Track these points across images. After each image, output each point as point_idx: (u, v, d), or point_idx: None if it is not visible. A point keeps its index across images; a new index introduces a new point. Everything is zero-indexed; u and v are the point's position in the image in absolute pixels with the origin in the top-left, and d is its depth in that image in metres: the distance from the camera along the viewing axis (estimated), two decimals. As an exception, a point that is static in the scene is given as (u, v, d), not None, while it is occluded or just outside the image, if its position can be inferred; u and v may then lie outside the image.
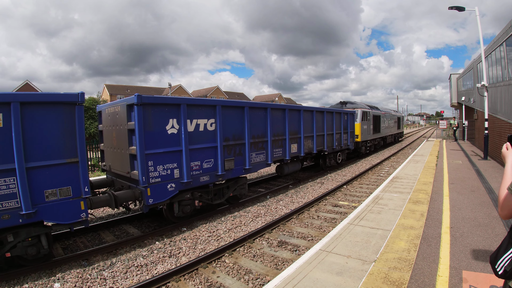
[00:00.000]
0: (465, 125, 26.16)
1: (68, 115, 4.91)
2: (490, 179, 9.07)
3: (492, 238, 4.61)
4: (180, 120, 6.43)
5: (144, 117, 5.83)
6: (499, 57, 12.47)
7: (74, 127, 4.97)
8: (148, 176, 5.91)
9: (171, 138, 6.33)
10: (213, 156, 7.21)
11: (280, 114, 9.64)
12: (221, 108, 7.28)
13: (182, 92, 55.26)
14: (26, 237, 4.71)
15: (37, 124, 4.64)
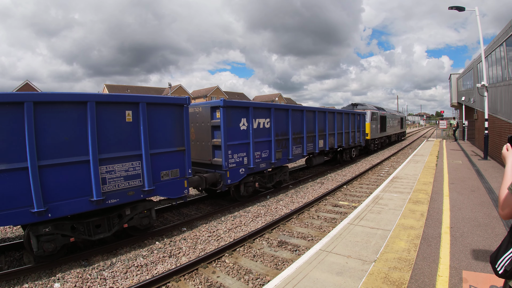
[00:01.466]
0: (465, 125, 26.16)
1: (178, 114, 6.36)
2: (490, 179, 9.06)
3: (492, 238, 4.61)
4: (248, 119, 8.24)
5: (226, 117, 7.55)
6: (499, 57, 12.46)
7: (182, 123, 6.43)
8: (228, 162, 7.66)
9: (243, 133, 8.14)
10: (268, 148, 9.10)
11: (311, 115, 11.55)
12: (274, 110, 9.19)
13: (182, 92, 55.25)
14: (142, 210, 5.98)
15: (156, 120, 5.93)
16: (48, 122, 4.62)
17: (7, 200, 4.31)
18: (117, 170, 5.40)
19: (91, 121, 4.97)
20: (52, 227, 4.87)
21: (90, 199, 5.05)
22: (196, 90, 66.35)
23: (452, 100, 31.39)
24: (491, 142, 13.80)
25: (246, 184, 8.50)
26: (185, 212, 8.12)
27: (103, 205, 5.21)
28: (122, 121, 5.45)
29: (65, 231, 5.04)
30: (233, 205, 8.29)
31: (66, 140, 4.80)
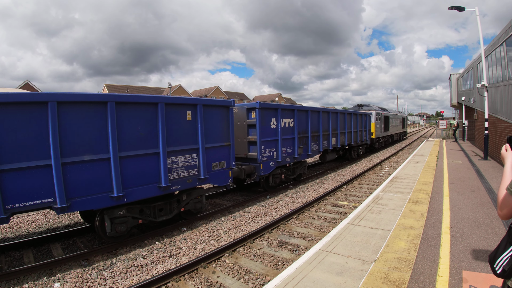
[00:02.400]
0: (465, 125, 26.16)
1: (225, 114, 7.45)
2: (490, 179, 9.07)
3: (492, 238, 4.61)
4: (277, 119, 9.46)
5: (261, 117, 8.71)
6: (499, 57, 12.46)
7: (228, 122, 7.53)
8: (261, 156, 8.85)
9: (273, 131, 9.33)
10: (292, 144, 10.27)
11: (326, 116, 12.80)
12: (297, 111, 10.46)
13: (182, 92, 55.25)
14: (196, 196, 7.01)
15: (209, 119, 6.97)
16: (127, 119, 5.43)
17: (92, 187, 5.04)
18: (179, 161, 6.39)
19: (161, 119, 5.90)
20: (125, 211, 5.67)
21: (158, 185, 5.96)
22: (196, 90, 66.36)
23: (452, 100, 31.38)
24: (491, 142, 13.80)
25: (274, 176, 9.82)
26: (185, 212, 8.12)
27: (168, 191, 6.16)
28: (184, 119, 6.46)
29: (135, 214, 5.88)
30: (233, 205, 8.30)
31: (141, 135, 5.68)
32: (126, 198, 5.45)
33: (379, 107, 24.82)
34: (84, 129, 4.93)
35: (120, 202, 5.37)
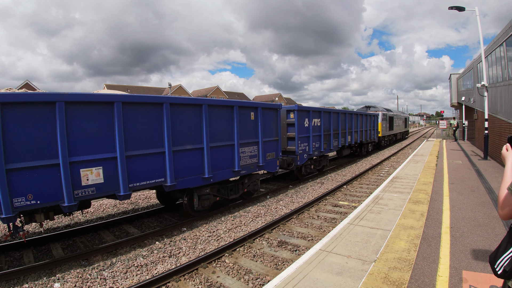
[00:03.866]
0: (465, 125, 26.16)
1: (275, 115, 9.33)
2: (490, 179, 9.06)
3: (492, 238, 4.61)
4: (309, 119, 11.42)
5: (298, 117, 10.70)
6: (499, 57, 12.46)
7: (277, 121, 9.42)
8: (298, 149, 10.75)
9: (306, 129, 11.24)
10: (319, 140, 12.23)
11: (343, 116, 14.81)
12: (323, 112, 12.59)
13: (182, 92, 55.24)
14: (254, 179, 8.89)
15: (265, 119, 8.73)
16: (216, 119, 7.18)
17: (190, 169, 6.63)
18: (246, 151, 8.13)
19: (236, 119, 7.64)
20: (209, 189, 7.31)
21: (233, 170, 7.71)
22: (196, 90, 66.33)
23: (452, 100, 31.37)
24: (491, 142, 13.79)
25: (306, 166, 11.82)
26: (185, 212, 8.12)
27: (238, 175, 7.91)
28: (249, 119, 8.22)
29: (214, 192, 7.53)
30: (233, 205, 8.30)
31: (223, 131, 7.40)
32: (212, 179, 7.12)
33: (384, 108, 26.86)
34: (187, 127, 6.55)
35: (207, 182, 7.05)
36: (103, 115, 5.22)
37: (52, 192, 4.72)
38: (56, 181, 4.74)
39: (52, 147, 4.68)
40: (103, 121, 5.21)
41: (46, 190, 4.67)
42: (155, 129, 5.93)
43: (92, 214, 8.08)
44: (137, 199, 9.37)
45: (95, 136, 5.15)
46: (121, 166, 5.37)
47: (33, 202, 4.57)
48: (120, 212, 8.23)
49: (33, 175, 4.53)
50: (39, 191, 4.60)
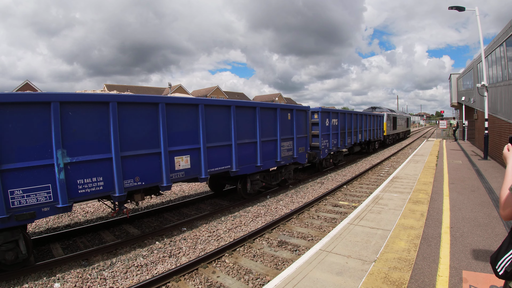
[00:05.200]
0: (465, 125, 26.16)
1: (305, 115, 11.08)
2: (490, 179, 9.06)
3: (492, 238, 4.61)
4: (329, 119, 13.13)
5: (321, 118, 12.44)
6: (499, 57, 12.45)
7: (306, 120, 11.20)
8: (321, 145, 12.47)
9: (327, 127, 12.96)
10: (336, 138, 13.96)
11: (355, 117, 16.59)
12: (340, 113, 14.39)
13: (182, 92, 55.20)
14: (289, 169, 10.62)
15: (298, 119, 10.43)
16: (265, 119, 8.80)
17: (248, 159, 8.21)
18: (284, 145, 9.73)
19: (279, 118, 9.39)
20: (259, 176, 8.94)
21: (276, 160, 9.40)
22: (196, 90, 66.29)
23: (452, 100, 31.36)
24: (491, 142, 13.79)
25: (326, 160, 13.75)
26: (185, 212, 8.12)
27: (279, 165, 9.58)
28: (286, 119, 9.81)
29: (261, 179, 9.14)
30: (233, 205, 8.29)
31: (269, 128, 9.03)
32: (262, 168, 8.70)
33: (388, 109, 29.50)
34: (246, 125, 8.13)
35: (258, 170, 8.62)
36: (192, 114, 6.67)
37: (154, 175, 5.93)
38: (157, 166, 5.98)
39: (155, 139, 5.92)
40: (192, 119, 6.66)
41: (150, 174, 5.87)
42: (226, 127, 7.54)
43: (92, 214, 8.08)
44: (137, 199, 9.37)
45: (185, 131, 6.53)
46: (203, 155, 6.84)
47: (139, 183, 5.73)
48: (120, 212, 8.22)
49: (140, 161, 5.70)
50: (144, 174, 5.78)
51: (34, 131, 4.55)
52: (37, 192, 4.57)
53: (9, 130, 4.34)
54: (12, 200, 4.37)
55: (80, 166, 4.95)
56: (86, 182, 5.04)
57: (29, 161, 4.50)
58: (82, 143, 5.00)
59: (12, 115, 4.36)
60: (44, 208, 4.66)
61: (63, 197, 4.74)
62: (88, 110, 5.08)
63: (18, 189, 4.41)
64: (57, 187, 4.70)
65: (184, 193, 10.33)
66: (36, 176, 4.56)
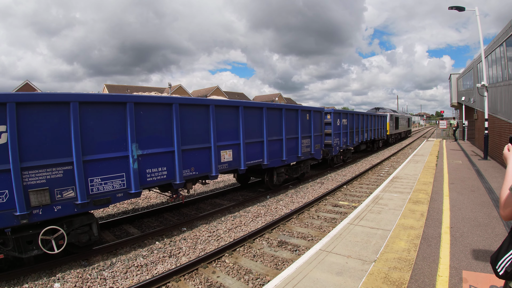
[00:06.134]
0: (465, 125, 26.16)
1: (320, 116, 12.20)
2: (490, 179, 9.06)
3: (492, 238, 4.61)
4: (340, 119, 14.39)
5: (333, 118, 13.75)
6: (499, 57, 12.45)
7: (321, 120, 12.34)
8: (333, 143, 13.76)
9: (338, 127, 14.24)
10: (346, 136, 15.23)
11: (362, 117, 18.01)
12: (349, 114, 15.76)
13: (182, 92, 55.19)
14: (307, 164, 11.79)
15: (315, 119, 11.54)
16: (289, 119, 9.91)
17: (275, 154, 9.32)
18: (304, 142, 10.85)
19: (301, 119, 10.52)
20: (283, 169, 10.20)
21: (297, 155, 10.47)
22: (196, 90, 66.27)
23: (452, 100, 31.35)
24: (491, 142, 13.79)
25: (337, 157, 15.09)
26: (185, 212, 8.12)
27: (299, 160, 10.65)
28: (305, 119, 10.91)
29: (285, 172, 10.34)
30: (233, 205, 8.30)
31: (292, 127, 10.09)
32: (286, 162, 9.81)
33: (391, 110, 31.42)
34: (274, 124, 9.27)
35: (283, 164, 9.71)
36: (233, 114, 7.76)
37: (205, 166, 6.99)
38: (208, 159, 7.03)
39: (207, 135, 6.97)
40: (234, 118, 7.76)
41: (202, 165, 6.90)
42: (259, 126, 8.68)
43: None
44: (137, 199, 9.36)
45: (229, 129, 7.60)
46: (243, 150, 7.92)
47: (194, 173, 6.70)
48: (120, 212, 8.22)
49: (195, 154, 6.69)
50: (198, 165, 6.78)
51: (112, 127, 5.28)
52: (113, 180, 5.29)
53: (91, 126, 5.00)
54: (91, 187, 5.01)
55: (149, 157, 5.78)
56: (153, 171, 5.88)
57: (108, 153, 5.20)
58: (151, 138, 5.83)
59: (93, 113, 5.04)
60: (119, 194, 5.39)
61: (136, 184, 5.52)
62: (156, 110, 5.94)
63: (97, 177, 5.08)
64: (131, 175, 5.47)
65: (184, 193, 10.33)
66: (113, 166, 5.27)
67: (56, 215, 4.71)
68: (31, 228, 4.71)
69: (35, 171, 4.49)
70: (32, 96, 4.61)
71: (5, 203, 4.28)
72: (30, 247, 4.68)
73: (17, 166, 4.30)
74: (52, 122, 4.65)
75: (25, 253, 4.63)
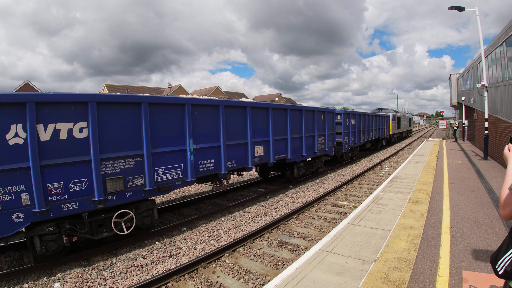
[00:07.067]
0: (465, 125, 26.16)
1: (332, 116, 13.19)
2: (490, 179, 9.06)
3: (492, 238, 4.61)
4: (349, 120, 15.51)
5: (344, 118, 14.89)
6: (499, 57, 12.45)
7: (333, 120, 13.29)
8: (343, 141, 14.85)
9: (347, 126, 15.34)
10: (354, 135, 16.40)
11: (367, 117, 19.16)
12: (357, 115, 16.94)
13: (182, 92, 55.18)
14: (321, 160, 12.88)
15: (328, 119, 12.59)
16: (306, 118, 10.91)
17: (296, 150, 10.40)
18: (319, 140, 11.93)
19: (317, 118, 11.63)
20: (303, 164, 11.30)
21: (314, 151, 11.54)
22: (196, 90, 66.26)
23: (452, 100, 31.36)
24: (491, 142, 13.79)
25: (345, 154, 16.14)
26: (185, 212, 8.12)
27: (315, 155, 11.79)
28: (320, 119, 12.02)
29: (304, 166, 11.46)
30: (233, 205, 8.30)
31: (309, 126, 11.14)
32: (305, 157, 10.96)
33: (393, 110, 33.29)
34: (296, 123, 10.34)
35: (302, 159, 10.87)
36: (264, 114, 8.87)
37: (243, 159, 8.08)
38: (245, 153, 8.12)
39: (245, 132, 8.06)
40: (264, 119, 8.87)
41: (241, 158, 7.98)
42: (284, 124, 9.74)
43: None
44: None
45: (260, 128, 8.67)
46: (272, 146, 9.04)
47: (235, 165, 7.80)
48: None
49: (235, 149, 7.78)
50: (237, 158, 7.87)
51: (173, 124, 6.21)
52: (173, 170, 6.21)
53: (157, 124, 5.87)
54: (156, 176, 5.88)
55: (201, 151, 6.79)
56: (204, 163, 6.90)
57: (170, 146, 6.13)
58: (202, 135, 6.82)
59: (159, 112, 5.95)
60: (177, 182, 6.31)
61: (192, 174, 6.52)
62: (207, 111, 6.95)
63: (161, 168, 5.98)
64: (188, 166, 6.45)
65: (184, 193, 10.34)
66: (174, 158, 6.21)
67: (127, 200, 5.48)
68: (103, 213, 5.40)
69: (112, 161, 5.22)
70: (110, 96, 5.53)
71: (84, 190, 4.92)
72: (101, 230, 5.39)
73: (97, 157, 4.98)
74: (126, 120, 5.42)
75: (96, 235, 5.30)
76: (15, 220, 4.35)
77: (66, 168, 4.73)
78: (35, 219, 4.49)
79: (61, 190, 4.70)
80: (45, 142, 4.53)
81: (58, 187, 4.66)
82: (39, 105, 4.48)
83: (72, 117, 4.79)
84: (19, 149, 4.33)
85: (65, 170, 4.72)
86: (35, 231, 4.63)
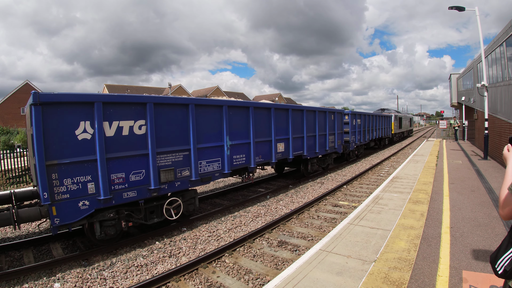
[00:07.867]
0: (465, 125, 26.17)
1: (341, 116, 14.44)
2: (490, 179, 9.06)
3: (492, 238, 4.61)
4: (355, 120, 16.68)
5: (351, 118, 16.14)
6: (499, 57, 12.45)
7: (342, 120, 14.52)
8: (350, 139, 16.07)
9: (354, 126, 16.38)
10: (360, 134, 17.47)
11: (372, 118, 20.29)
12: (362, 115, 18.01)
13: (182, 92, 55.17)
14: (331, 157, 13.99)
15: (338, 119, 13.85)
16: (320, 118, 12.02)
17: (311, 147, 11.49)
18: (330, 138, 12.91)
19: (328, 119, 12.60)
20: (316, 160, 12.38)
21: (325, 149, 12.55)
22: (196, 90, 66.26)
23: (452, 100, 31.36)
24: (491, 142, 13.79)
25: (352, 152, 17.16)
26: (185, 212, 8.11)
27: (326, 153, 12.72)
28: (331, 119, 12.99)
29: (317, 162, 12.55)
30: (233, 205, 8.30)
31: (322, 125, 12.24)
32: (318, 154, 11.94)
33: (395, 110, 34.96)
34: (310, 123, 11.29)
35: (316, 155, 11.88)
36: (285, 115, 9.83)
37: (268, 154, 9.05)
38: (269, 149, 9.10)
39: (269, 131, 9.05)
40: (285, 119, 9.84)
41: (266, 153, 8.96)
42: (300, 124, 10.69)
43: None
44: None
45: (281, 126, 9.62)
46: (291, 143, 10.03)
47: (261, 160, 8.76)
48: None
49: (262, 145, 8.75)
50: (263, 154, 8.85)
51: (213, 123, 7.09)
52: (213, 163, 7.08)
53: (200, 122, 6.69)
54: (200, 168, 6.72)
55: (235, 147, 7.71)
56: (237, 157, 7.82)
57: (211, 142, 7.01)
58: (236, 133, 7.72)
59: (203, 113, 6.79)
60: (216, 173, 7.17)
61: (228, 167, 7.43)
62: (239, 111, 7.88)
63: (204, 161, 6.84)
64: (225, 160, 7.36)
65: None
66: (213, 152, 7.08)
67: (176, 189, 6.27)
68: (155, 200, 6.15)
69: (165, 155, 5.99)
70: (164, 98, 6.23)
71: (142, 180, 5.63)
72: (152, 216, 6.14)
73: (154, 151, 5.71)
74: (177, 119, 6.23)
75: (149, 220, 6.05)
76: (81, 208, 4.89)
77: (127, 160, 5.40)
78: (99, 206, 5.06)
79: (122, 180, 5.36)
80: (110, 137, 5.16)
81: (120, 177, 5.33)
82: (105, 105, 5.05)
83: (132, 116, 5.48)
84: (87, 143, 4.90)
85: (126, 162, 5.39)
86: (97, 217, 5.20)
